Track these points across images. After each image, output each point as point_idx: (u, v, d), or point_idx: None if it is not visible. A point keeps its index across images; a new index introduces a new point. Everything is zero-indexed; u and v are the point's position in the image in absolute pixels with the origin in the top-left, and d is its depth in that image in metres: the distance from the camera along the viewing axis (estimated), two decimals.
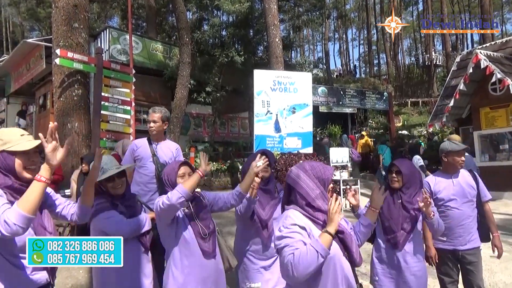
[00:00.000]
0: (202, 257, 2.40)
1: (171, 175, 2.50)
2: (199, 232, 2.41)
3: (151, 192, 3.59)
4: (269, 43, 11.41)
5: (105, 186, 2.45)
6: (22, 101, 15.86)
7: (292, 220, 1.87)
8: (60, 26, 6.66)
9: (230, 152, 13.48)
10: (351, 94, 14.25)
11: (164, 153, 3.75)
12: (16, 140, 1.74)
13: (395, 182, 2.94)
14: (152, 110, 3.83)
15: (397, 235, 2.81)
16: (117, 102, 7.54)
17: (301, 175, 1.95)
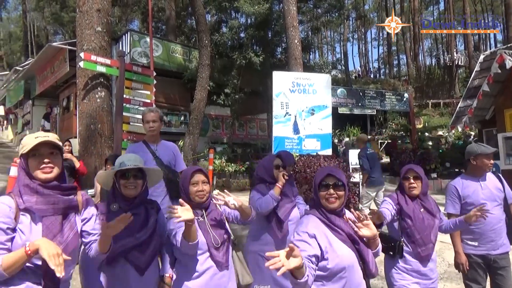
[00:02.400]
0: (215, 267, 2.29)
1: (185, 182, 2.36)
2: (212, 242, 2.29)
3: (161, 197, 3.43)
4: (288, 45, 11.40)
5: (118, 182, 2.25)
6: (46, 103, 16.30)
7: (304, 227, 1.91)
8: (84, 30, 6.82)
9: (249, 154, 13.50)
10: (371, 95, 14.10)
11: (165, 153, 3.62)
12: (30, 143, 1.79)
13: (414, 189, 2.79)
14: (149, 110, 3.68)
15: (428, 247, 2.72)
16: (138, 104, 7.65)
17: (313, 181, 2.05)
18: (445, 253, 5.55)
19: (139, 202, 2.29)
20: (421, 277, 2.73)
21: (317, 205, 2.03)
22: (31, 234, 1.71)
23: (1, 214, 1.67)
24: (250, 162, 11.66)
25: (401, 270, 2.78)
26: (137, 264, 2.17)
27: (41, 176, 1.78)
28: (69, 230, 1.82)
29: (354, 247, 1.95)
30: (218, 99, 12.66)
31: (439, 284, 4.53)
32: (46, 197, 1.77)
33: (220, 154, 12.22)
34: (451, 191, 3.27)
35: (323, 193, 1.99)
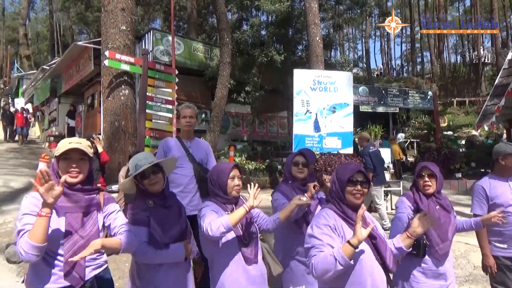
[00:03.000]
0: (244, 263, 2.34)
1: (222, 176, 2.41)
2: (241, 238, 2.35)
3: (191, 194, 3.44)
4: (309, 42, 11.33)
5: (141, 183, 2.35)
6: (72, 101, 16.73)
7: (324, 220, 1.94)
8: (108, 28, 6.96)
9: (269, 152, 13.49)
10: (393, 93, 13.90)
11: (198, 151, 3.61)
12: (62, 147, 1.97)
13: (429, 188, 2.70)
14: (186, 106, 3.68)
15: (445, 245, 2.65)
16: (161, 101, 7.77)
17: (333, 175, 2.08)
18: (470, 255, 5.42)
19: (169, 193, 2.48)
20: (437, 278, 2.65)
21: (338, 199, 2.03)
22: (55, 226, 1.89)
23: (33, 205, 1.88)
24: (270, 160, 11.66)
25: (418, 271, 2.66)
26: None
27: (67, 179, 1.94)
28: (91, 226, 1.99)
29: (371, 241, 1.97)
30: (238, 96, 12.69)
31: (464, 286, 4.45)
32: (70, 196, 1.95)
33: (240, 151, 12.26)
34: (478, 192, 3.18)
35: (350, 189, 1.99)
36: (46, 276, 1.88)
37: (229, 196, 2.41)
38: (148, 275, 2.31)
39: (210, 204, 2.41)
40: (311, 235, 1.92)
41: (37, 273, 1.90)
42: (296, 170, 2.97)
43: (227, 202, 2.42)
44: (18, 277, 4.15)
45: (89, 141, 2.23)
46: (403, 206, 2.76)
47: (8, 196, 7.28)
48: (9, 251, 4.60)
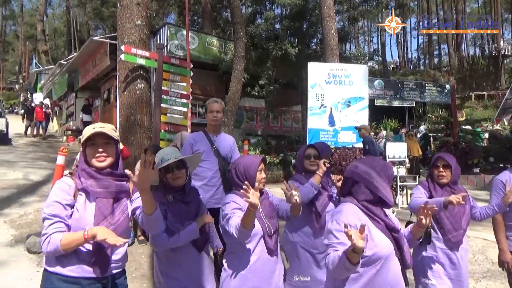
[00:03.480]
0: (267, 254, 2.35)
1: (251, 168, 2.41)
2: (266, 230, 2.36)
3: (215, 187, 3.45)
4: (324, 35, 11.22)
5: (165, 177, 2.40)
6: (88, 95, 16.97)
7: (344, 217, 1.89)
8: (124, 23, 7.00)
9: (283, 146, 13.49)
10: (410, 87, 13.67)
11: (223, 146, 3.63)
12: (86, 133, 1.97)
13: (443, 178, 2.80)
14: (213, 101, 3.71)
15: (459, 233, 2.72)
16: (176, 95, 7.81)
17: (372, 172, 1.98)
18: (488, 251, 5.33)
19: (189, 189, 2.50)
20: (451, 265, 2.71)
21: (373, 195, 1.97)
22: (85, 212, 1.88)
23: (64, 192, 1.88)
24: (284, 154, 11.65)
25: (430, 257, 2.76)
26: (197, 242, 2.43)
27: (96, 164, 1.95)
28: (120, 213, 1.96)
29: (392, 235, 1.94)
30: (252, 90, 12.69)
31: (482, 283, 4.38)
32: (100, 181, 1.93)
33: (254, 146, 12.28)
34: (497, 186, 3.12)
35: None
36: (67, 263, 1.85)
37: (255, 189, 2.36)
38: (170, 269, 2.37)
39: (235, 200, 2.36)
40: (329, 231, 1.89)
41: (59, 257, 1.86)
42: (308, 163, 2.98)
43: None
44: (38, 267, 4.26)
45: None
46: (419, 192, 2.85)
47: (28, 189, 7.47)
48: (29, 241, 4.75)
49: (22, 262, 4.40)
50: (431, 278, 2.73)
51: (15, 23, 55.82)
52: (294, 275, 2.79)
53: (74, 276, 1.85)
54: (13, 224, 5.51)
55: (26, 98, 28.89)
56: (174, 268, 2.38)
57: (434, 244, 2.77)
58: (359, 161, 2.12)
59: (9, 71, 54.31)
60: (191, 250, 2.42)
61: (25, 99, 28.06)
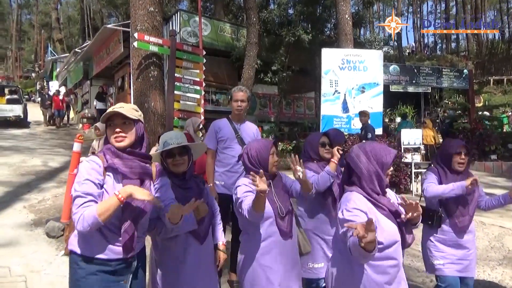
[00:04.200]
0: (280, 236, 2.37)
1: (263, 152, 2.43)
2: (278, 211, 2.37)
3: (237, 174, 3.42)
4: (338, 20, 11.03)
5: (165, 161, 2.32)
6: (102, 83, 17.12)
7: (354, 204, 1.92)
8: (137, 10, 7.01)
9: (296, 133, 13.45)
10: (426, 72, 13.35)
11: (247, 134, 3.65)
12: (105, 115, 1.99)
13: (462, 166, 2.84)
14: (238, 89, 3.68)
15: (465, 219, 2.81)
16: (189, 82, 7.82)
17: (361, 156, 2.01)
18: (505, 239, 5.26)
19: (189, 176, 2.38)
20: (458, 248, 2.83)
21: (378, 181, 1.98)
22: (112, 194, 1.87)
23: (94, 171, 1.87)
24: (297, 141, 11.62)
25: (438, 240, 2.87)
26: (197, 232, 2.28)
27: (115, 144, 1.96)
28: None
29: (396, 221, 1.98)
30: (265, 77, 12.62)
31: (498, 270, 4.34)
32: (125, 160, 1.94)
33: (267, 132, 12.27)
34: None
35: (389, 171, 2.05)
36: (95, 245, 1.86)
37: (268, 172, 2.43)
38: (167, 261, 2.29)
39: (246, 182, 2.39)
40: (343, 220, 1.90)
41: (86, 240, 1.87)
42: (324, 151, 2.95)
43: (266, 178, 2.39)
44: (57, 251, 4.39)
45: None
46: (432, 177, 2.92)
47: (46, 175, 7.64)
48: (48, 226, 4.87)
49: (41, 246, 4.53)
50: (438, 259, 2.86)
51: (30, 12, 56.40)
52: (308, 262, 2.80)
53: (103, 258, 1.87)
54: (32, 209, 5.66)
55: (42, 86, 29.35)
56: (171, 261, 2.28)
57: (443, 228, 2.87)
58: (358, 144, 2.16)
59: (26, 59, 55.14)
60: (191, 241, 2.28)
61: (42, 87, 28.52)
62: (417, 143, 9.17)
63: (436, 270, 2.88)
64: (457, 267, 2.83)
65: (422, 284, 3.97)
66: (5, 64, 56.53)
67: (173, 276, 2.26)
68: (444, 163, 2.90)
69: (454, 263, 2.82)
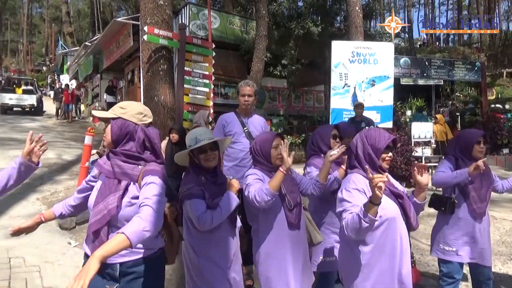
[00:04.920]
0: (288, 228, 2.43)
1: (265, 146, 2.49)
2: (286, 204, 2.43)
3: (246, 168, 3.34)
4: (348, 12, 10.91)
5: (197, 158, 2.34)
6: (112, 76, 17.22)
7: (353, 185, 2.02)
8: (147, 3, 7.02)
9: (305, 126, 13.40)
10: (438, 64, 13.16)
11: (255, 127, 3.66)
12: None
13: (482, 153, 2.90)
14: (245, 84, 3.66)
15: (483, 205, 2.86)
16: (198, 76, 7.83)
17: (358, 141, 2.13)
18: None
19: (220, 171, 2.46)
20: (474, 234, 2.85)
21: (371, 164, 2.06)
22: (93, 192, 1.96)
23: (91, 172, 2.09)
24: (306, 135, 11.59)
25: (452, 226, 2.91)
26: (231, 215, 2.38)
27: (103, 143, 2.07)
28: (114, 199, 1.81)
29: (398, 201, 2.08)
30: (274, 70, 12.56)
31: (508, 265, 4.33)
32: (111, 160, 1.92)
33: (276, 126, 12.26)
34: None
35: (384, 156, 2.10)
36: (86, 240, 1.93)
37: (272, 165, 2.48)
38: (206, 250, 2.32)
39: (256, 172, 2.48)
40: (341, 199, 2.01)
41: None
42: (334, 143, 2.96)
43: (272, 170, 2.47)
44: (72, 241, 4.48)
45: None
46: (445, 167, 2.96)
47: (59, 167, 7.76)
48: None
49: (55, 237, 4.63)
50: (451, 245, 2.89)
51: (41, 5, 56.76)
52: (320, 256, 2.83)
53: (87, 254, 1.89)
54: (45, 201, 5.76)
55: (53, 79, 29.66)
56: (210, 249, 2.31)
57: (457, 213, 2.89)
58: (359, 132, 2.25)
59: (37, 53, 55.67)
60: (227, 226, 2.36)
61: (53, 81, 28.81)
62: (427, 137, 9.09)
63: (446, 255, 2.92)
64: (470, 254, 2.86)
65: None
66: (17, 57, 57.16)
67: (222, 263, 2.32)
68: (463, 153, 2.93)
69: (466, 251, 2.86)
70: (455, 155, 2.97)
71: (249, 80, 3.81)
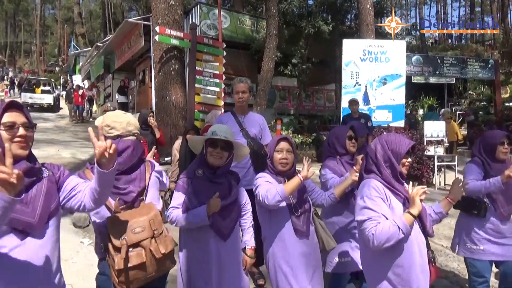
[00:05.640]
0: (295, 235, 2.38)
1: (270, 149, 2.51)
2: (292, 209, 2.39)
3: (245, 169, 3.40)
4: (359, 10, 10.84)
5: (206, 150, 2.33)
6: (124, 77, 17.36)
7: (375, 193, 1.97)
8: (158, 4, 7.08)
9: (316, 125, 13.34)
10: (450, 62, 13.03)
11: (252, 125, 3.60)
12: None
13: (506, 155, 2.88)
14: (238, 81, 3.66)
15: (510, 208, 2.85)
16: (209, 75, 7.87)
17: (378, 145, 2.08)
18: None
19: (222, 172, 2.38)
20: (500, 237, 2.85)
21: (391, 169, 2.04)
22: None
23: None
24: (316, 134, 11.54)
25: (479, 226, 2.90)
26: (218, 228, 2.26)
27: None
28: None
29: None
30: (285, 69, 12.53)
31: None
32: None
33: (287, 125, 12.23)
34: None
35: (404, 161, 2.07)
36: None
37: (276, 169, 2.47)
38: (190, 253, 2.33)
39: (265, 175, 2.48)
40: (365, 207, 1.94)
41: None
42: (350, 144, 2.95)
43: (277, 174, 2.47)
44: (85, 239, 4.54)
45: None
46: (474, 171, 2.92)
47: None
48: (74, 216, 5.02)
49: (69, 235, 4.68)
50: (478, 244, 2.89)
51: (54, 7, 57.53)
52: (335, 257, 2.81)
53: None
54: None
55: (66, 80, 30.03)
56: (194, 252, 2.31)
57: (486, 217, 2.89)
58: (378, 136, 2.23)
59: (49, 54, 56.42)
60: (212, 237, 2.26)
61: (65, 81, 29.18)
62: (440, 136, 8.98)
63: (474, 253, 2.91)
64: (497, 252, 2.86)
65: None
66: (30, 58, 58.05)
67: (198, 268, 2.29)
68: (487, 154, 2.93)
69: (494, 248, 2.86)
70: (480, 158, 2.96)
71: (245, 79, 3.78)
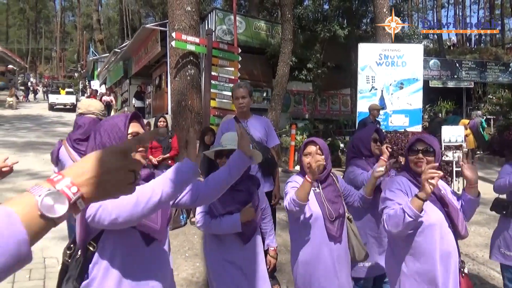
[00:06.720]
0: (328, 240, 2.33)
1: (300, 153, 2.52)
2: (327, 214, 2.33)
3: (252, 173, 3.31)
4: (376, 14, 10.76)
5: (216, 159, 2.43)
6: (141, 82, 17.64)
7: (397, 186, 2.09)
8: (175, 10, 7.17)
9: (331, 130, 13.27)
10: (469, 66, 12.80)
11: (256, 129, 3.54)
12: None
13: None
14: (238, 86, 3.61)
15: None
16: (225, 80, 7.93)
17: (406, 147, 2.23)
18: None
19: (241, 179, 2.34)
20: None
21: (407, 168, 2.18)
22: None
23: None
24: (332, 139, 11.47)
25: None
26: (241, 232, 2.30)
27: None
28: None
29: (444, 209, 2.08)
30: (300, 74, 12.52)
31: None
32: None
33: (302, 130, 12.19)
34: None
35: (412, 157, 2.13)
36: None
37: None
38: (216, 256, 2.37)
39: (296, 179, 2.44)
40: (384, 198, 2.07)
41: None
42: (375, 146, 2.94)
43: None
44: None
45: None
46: (505, 171, 2.93)
47: None
48: None
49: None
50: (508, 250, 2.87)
51: (74, 14, 58.98)
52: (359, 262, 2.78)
53: None
54: None
55: (84, 85, 30.67)
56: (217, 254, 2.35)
57: None
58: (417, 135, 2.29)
59: (69, 60, 57.80)
60: (236, 240, 2.33)
61: (84, 86, 29.80)
62: (458, 140, 8.81)
63: (507, 259, 2.89)
64: None
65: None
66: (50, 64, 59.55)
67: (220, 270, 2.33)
68: None
69: None
70: None
71: (243, 83, 3.78)
